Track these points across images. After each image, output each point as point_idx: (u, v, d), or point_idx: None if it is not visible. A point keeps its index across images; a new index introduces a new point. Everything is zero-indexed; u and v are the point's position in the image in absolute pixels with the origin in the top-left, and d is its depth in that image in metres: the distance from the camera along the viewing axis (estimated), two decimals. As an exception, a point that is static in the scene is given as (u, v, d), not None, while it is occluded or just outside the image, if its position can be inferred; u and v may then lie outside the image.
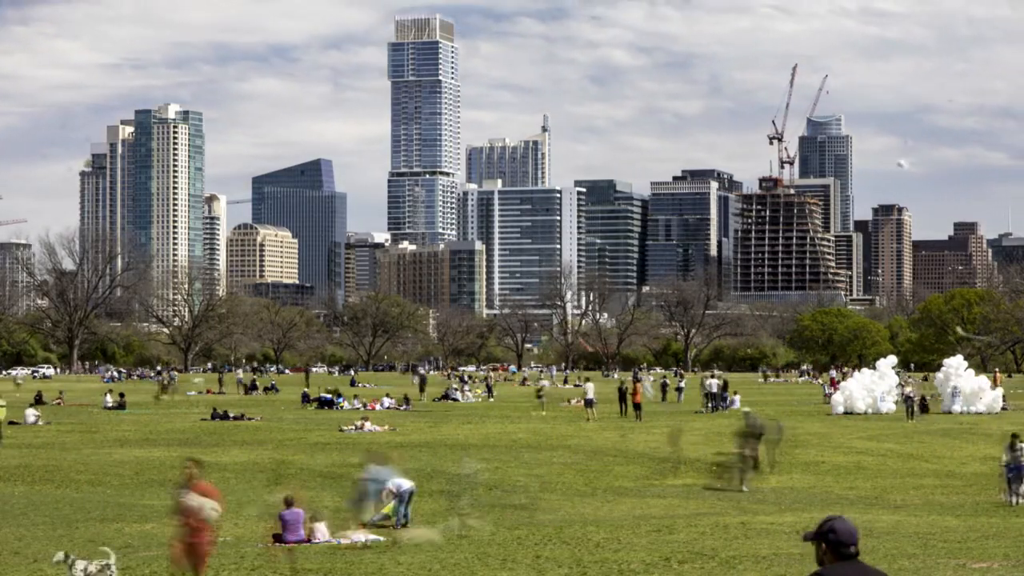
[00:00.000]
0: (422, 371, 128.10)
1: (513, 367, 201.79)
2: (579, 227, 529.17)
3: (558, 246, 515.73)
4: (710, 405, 73.89)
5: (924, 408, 69.06)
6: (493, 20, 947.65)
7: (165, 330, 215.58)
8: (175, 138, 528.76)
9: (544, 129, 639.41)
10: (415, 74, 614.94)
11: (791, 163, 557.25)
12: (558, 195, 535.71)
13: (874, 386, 72.30)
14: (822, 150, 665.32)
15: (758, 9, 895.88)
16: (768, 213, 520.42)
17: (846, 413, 69.89)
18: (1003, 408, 73.45)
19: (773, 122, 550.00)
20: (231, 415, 67.82)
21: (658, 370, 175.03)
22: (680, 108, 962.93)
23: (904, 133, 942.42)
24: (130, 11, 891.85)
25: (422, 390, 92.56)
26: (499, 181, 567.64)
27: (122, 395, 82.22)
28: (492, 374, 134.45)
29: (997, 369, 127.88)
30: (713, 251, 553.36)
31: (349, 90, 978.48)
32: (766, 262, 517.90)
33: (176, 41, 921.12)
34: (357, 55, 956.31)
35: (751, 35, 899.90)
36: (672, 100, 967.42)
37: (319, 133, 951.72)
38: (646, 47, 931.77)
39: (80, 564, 19.60)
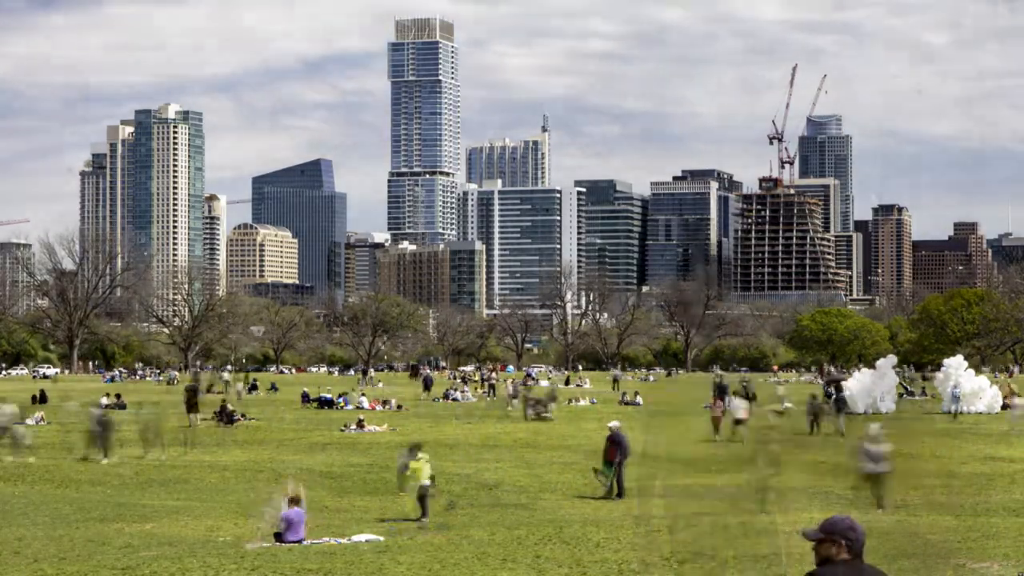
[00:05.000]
0: (425, 372, 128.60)
1: (511, 367, 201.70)
2: (579, 227, 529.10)
3: (558, 246, 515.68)
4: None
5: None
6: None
7: (165, 330, 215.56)
8: (175, 138, 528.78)
9: (544, 129, 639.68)
10: (415, 74, 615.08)
11: (791, 163, 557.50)
12: (558, 195, 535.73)
13: (874, 386, 72.31)
14: (822, 150, 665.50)
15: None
16: (768, 213, 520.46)
17: (846, 413, 69.88)
18: (1003, 407, 73.41)
19: (773, 122, 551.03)
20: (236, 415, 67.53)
21: (660, 371, 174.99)
22: (602, 132, 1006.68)
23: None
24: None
25: (427, 389, 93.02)
26: (499, 181, 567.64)
27: (119, 396, 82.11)
28: (494, 374, 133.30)
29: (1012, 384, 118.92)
30: (713, 251, 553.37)
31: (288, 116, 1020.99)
32: (766, 262, 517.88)
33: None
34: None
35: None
36: (592, 126, 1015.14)
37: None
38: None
39: None
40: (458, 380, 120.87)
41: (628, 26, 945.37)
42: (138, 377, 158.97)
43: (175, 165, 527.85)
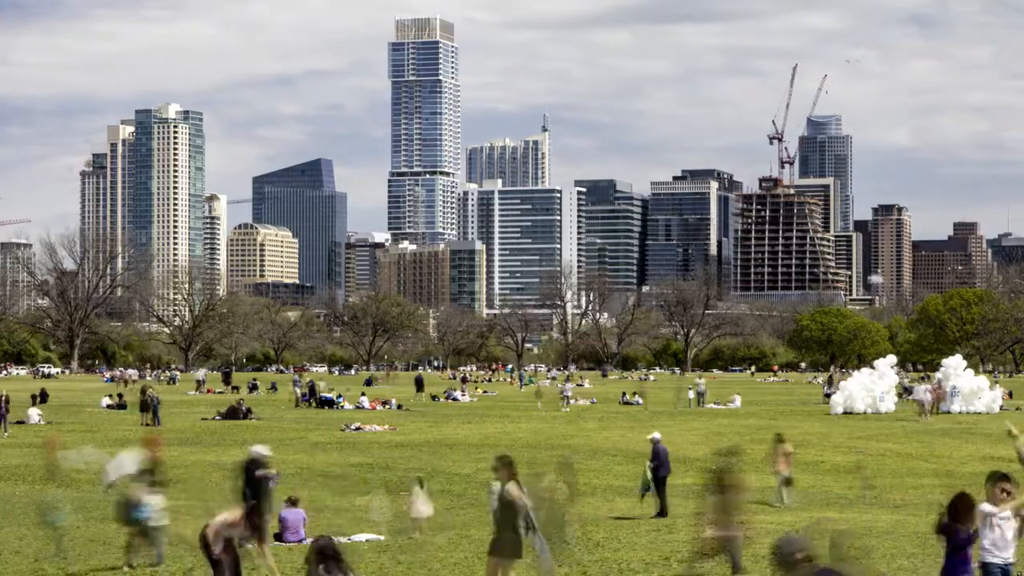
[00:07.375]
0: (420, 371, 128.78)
1: (510, 366, 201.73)
2: (579, 227, 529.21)
3: (558, 246, 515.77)
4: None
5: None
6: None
7: (166, 330, 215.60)
8: (175, 138, 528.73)
9: (544, 129, 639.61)
10: (415, 74, 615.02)
11: (791, 163, 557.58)
12: (558, 195, 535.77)
13: (874, 386, 72.39)
14: (822, 150, 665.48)
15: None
16: (768, 213, 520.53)
17: (846, 413, 70.00)
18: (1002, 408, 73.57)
19: (773, 122, 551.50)
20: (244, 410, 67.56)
21: (661, 370, 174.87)
22: (575, 143, 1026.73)
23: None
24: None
25: (420, 390, 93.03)
26: (499, 181, 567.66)
27: (120, 395, 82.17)
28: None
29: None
30: (713, 251, 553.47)
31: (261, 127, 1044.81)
32: (766, 262, 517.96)
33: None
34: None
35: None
36: (564, 137, 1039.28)
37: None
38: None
39: None
40: (458, 380, 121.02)
41: (576, 49, 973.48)
42: (139, 377, 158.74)
43: (175, 165, 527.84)
